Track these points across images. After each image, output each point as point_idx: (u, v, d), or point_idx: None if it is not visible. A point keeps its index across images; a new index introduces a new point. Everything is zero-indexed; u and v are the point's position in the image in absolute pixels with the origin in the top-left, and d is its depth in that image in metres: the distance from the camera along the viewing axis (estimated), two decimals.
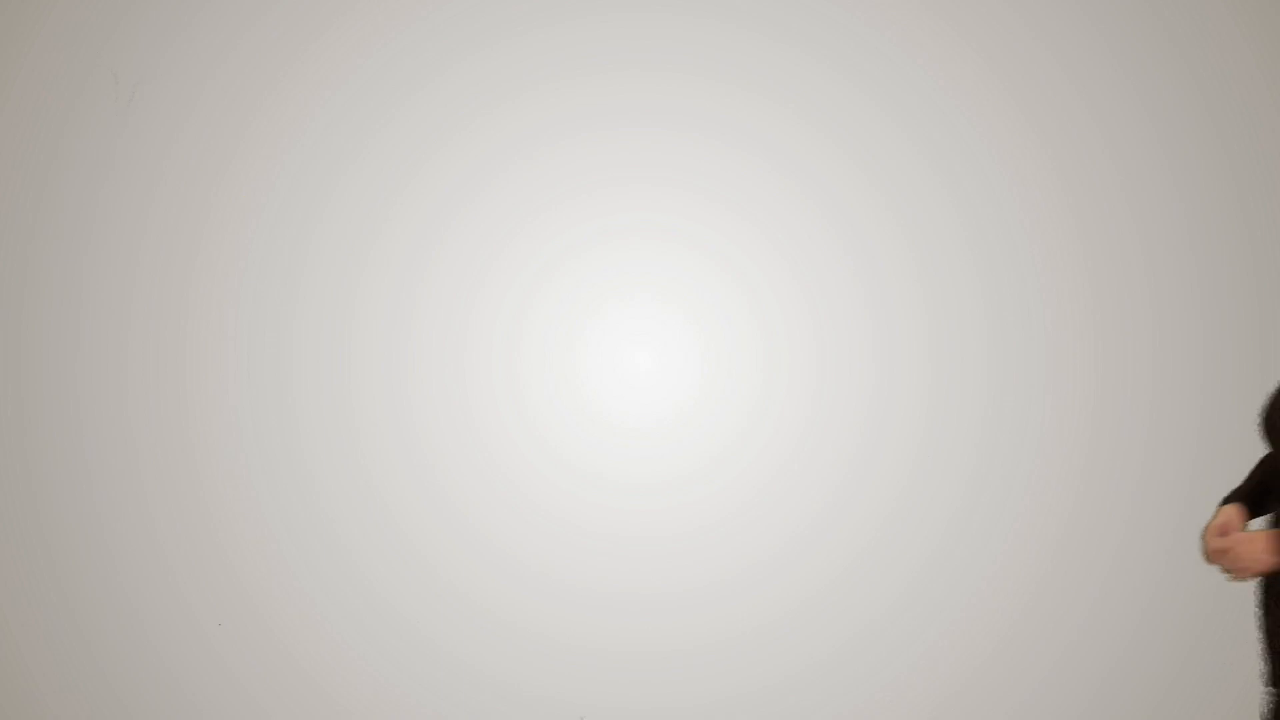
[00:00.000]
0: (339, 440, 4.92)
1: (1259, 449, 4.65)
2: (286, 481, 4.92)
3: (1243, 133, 4.96)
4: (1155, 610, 4.93)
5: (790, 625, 4.98)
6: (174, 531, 4.93)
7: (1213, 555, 2.69)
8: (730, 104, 4.97)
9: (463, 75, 4.98)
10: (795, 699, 4.97)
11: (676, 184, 4.90)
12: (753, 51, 4.94)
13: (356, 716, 4.90)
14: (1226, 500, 2.78)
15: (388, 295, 4.99)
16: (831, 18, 4.95)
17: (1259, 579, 2.65)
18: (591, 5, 4.90)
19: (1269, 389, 4.67)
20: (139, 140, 4.90)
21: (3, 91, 4.89)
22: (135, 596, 4.93)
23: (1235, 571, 2.64)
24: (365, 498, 4.92)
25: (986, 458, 5.06)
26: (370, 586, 5.00)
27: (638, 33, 4.89)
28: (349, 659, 4.95)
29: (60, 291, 4.86)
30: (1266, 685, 2.66)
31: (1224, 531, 2.70)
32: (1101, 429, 5.00)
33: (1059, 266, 5.06)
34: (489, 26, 4.95)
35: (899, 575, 5.12)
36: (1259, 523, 2.78)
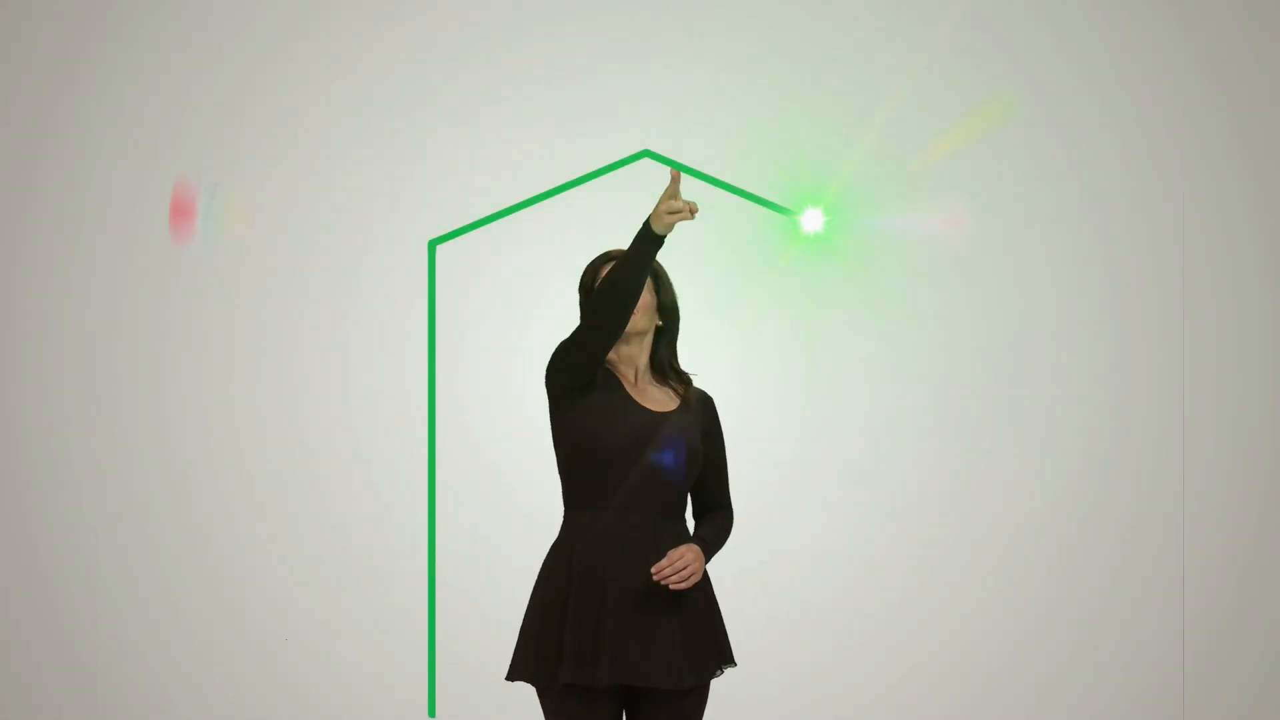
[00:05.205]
0: (337, 437, 4.88)
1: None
2: (276, 479, 4.88)
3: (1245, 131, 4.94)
4: (1169, 612, 4.89)
5: (789, 626, 4.94)
6: (158, 530, 4.88)
7: (673, 574, 2.92)
8: (726, 93, 4.93)
9: (458, 71, 4.95)
10: (793, 699, 4.93)
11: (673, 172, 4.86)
12: (751, 46, 4.91)
13: (354, 714, 4.86)
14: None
15: (382, 290, 4.95)
16: (829, 13, 4.92)
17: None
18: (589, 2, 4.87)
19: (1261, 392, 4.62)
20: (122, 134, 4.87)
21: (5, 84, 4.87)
22: (118, 596, 4.88)
23: (687, 579, 2.92)
24: (361, 494, 4.88)
25: (990, 461, 5.02)
26: (367, 584, 4.95)
27: (635, 27, 4.86)
28: (344, 656, 4.91)
29: (41, 289, 4.82)
30: None
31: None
32: (1122, 427, 4.96)
33: (1076, 262, 5.02)
34: (486, 23, 4.92)
35: (898, 577, 5.07)
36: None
